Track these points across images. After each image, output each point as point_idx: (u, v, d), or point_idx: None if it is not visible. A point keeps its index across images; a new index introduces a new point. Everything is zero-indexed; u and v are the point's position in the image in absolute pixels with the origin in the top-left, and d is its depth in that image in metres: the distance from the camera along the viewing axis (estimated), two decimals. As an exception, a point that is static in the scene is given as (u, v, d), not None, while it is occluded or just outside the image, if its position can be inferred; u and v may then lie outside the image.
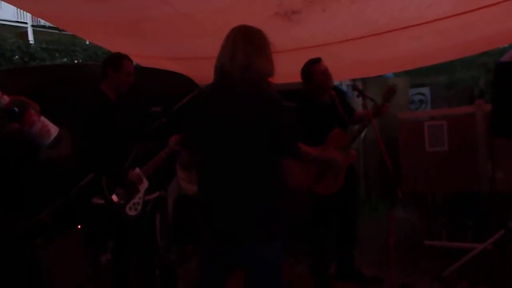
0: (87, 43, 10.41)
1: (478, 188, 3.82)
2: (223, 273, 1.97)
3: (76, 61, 10.37)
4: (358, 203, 3.75)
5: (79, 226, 3.65)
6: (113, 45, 3.77)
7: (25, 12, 14.54)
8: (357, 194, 3.74)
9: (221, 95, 1.87)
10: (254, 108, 1.79)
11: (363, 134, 5.13)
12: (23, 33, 15.91)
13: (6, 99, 1.41)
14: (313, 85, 3.35)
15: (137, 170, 2.89)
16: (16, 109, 1.41)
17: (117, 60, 2.83)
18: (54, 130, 1.51)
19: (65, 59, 10.48)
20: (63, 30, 4.43)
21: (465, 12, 2.72)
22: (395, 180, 2.89)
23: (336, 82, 4.40)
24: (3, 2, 3.02)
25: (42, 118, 1.50)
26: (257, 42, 1.84)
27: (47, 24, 14.38)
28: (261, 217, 1.81)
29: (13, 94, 1.45)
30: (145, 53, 3.78)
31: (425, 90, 7.19)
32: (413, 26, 2.97)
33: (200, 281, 2.02)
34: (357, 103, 5.90)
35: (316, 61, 3.30)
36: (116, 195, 2.76)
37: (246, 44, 1.81)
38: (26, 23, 16.82)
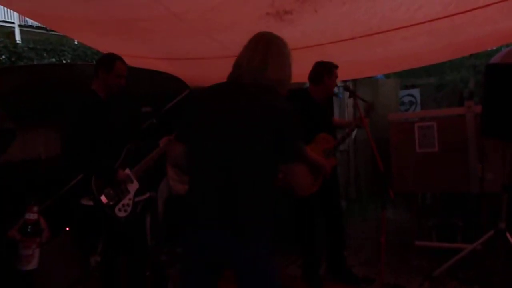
0: (76, 43, 10.28)
1: (467, 189, 3.85)
2: (208, 271, 1.84)
3: (64, 61, 10.21)
4: (340, 203, 3.80)
5: (67, 228, 3.60)
6: (102, 45, 3.73)
7: (12, 11, 14.39)
8: (338, 195, 3.82)
9: (229, 94, 1.86)
10: (258, 111, 1.77)
11: (353, 136, 5.15)
12: (10, 33, 15.70)
13: (34, 216, 1.59)
14: (320, 87, 3.40)
15: (127, 171, 2.85)
16: (29, 228, 1.57)
17: (110, 61, 2.80)
18: (35, 262, 1.58)
19: (53, 59, 10.31)
20: (51, 30, 4.35)
21: (457, 14, 2.74)
22: (386, 181, 2.90)
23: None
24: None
25: (37, 250, 1.59)
26: (276, 50, 1.87)
27: (35, 23, 14.20)
28: (250, 216, 1.74)
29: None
30: (135, 53, 3.74)
31: (415, 92, 7.24)
32: (405, 27, 2.98)
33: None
34: (349, 103, 5.94)
35: (334, 66, 3.38)
36: (106, 196, 2.73)
37: (267, 50, 1.85)
38: (13, 22, 16.62)
